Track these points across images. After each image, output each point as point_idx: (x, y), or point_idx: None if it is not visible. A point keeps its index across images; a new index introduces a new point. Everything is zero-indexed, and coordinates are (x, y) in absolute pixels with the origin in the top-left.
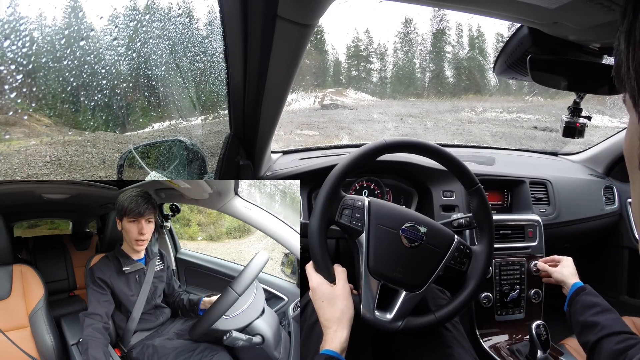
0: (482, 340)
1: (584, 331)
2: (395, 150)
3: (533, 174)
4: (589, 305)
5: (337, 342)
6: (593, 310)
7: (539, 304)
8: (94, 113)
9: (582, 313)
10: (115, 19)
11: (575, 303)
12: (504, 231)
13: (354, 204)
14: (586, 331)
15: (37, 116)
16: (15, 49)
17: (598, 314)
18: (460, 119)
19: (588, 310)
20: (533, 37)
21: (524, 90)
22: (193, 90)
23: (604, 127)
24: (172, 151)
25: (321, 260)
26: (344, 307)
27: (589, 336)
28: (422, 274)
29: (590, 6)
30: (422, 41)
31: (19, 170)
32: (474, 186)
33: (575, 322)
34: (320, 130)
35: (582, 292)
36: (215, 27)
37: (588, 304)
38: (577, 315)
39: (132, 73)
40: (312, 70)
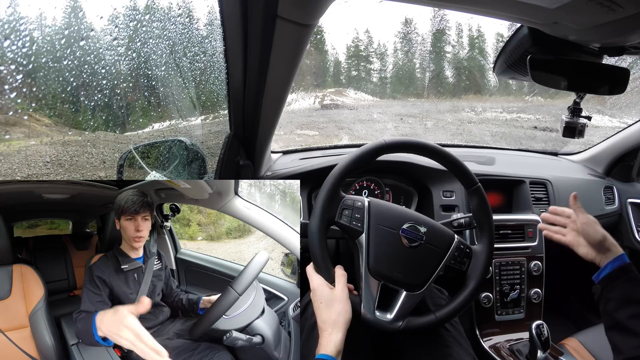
0: (482, 340)
1: (615, 331)
2: (394, 150)
3: (533, 174)
4: (630, 299)
5: (332, 346)
6: (634, 310)
7: (539, 304)
8: (94, 113)
9: (619, 308)
10: (115, 19)
11: (612, 289)
12: (504, 231)
13: (353, 204)
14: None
15: (37, 116)
16: (15, 49)
17: (639, 319)
18: (460, 119)
19: (628, 307)
20: (533, 37)
21: (524, 90)
22: (193, 90)
23: (604, 127)
24: (172, 151)
25: (321, 261)
26: (340, 309)
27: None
28: (423, 274)
29: (590, 6)
30: (422, 41)
31: (19, 170)
32: (473, 186)
33: (607, 313)
34: (320, 130)
35: (624, 276)
36: (215, 27)
37: (629, 298)
38: (611, 306)
39: (132, 73)
40: (312, 70)
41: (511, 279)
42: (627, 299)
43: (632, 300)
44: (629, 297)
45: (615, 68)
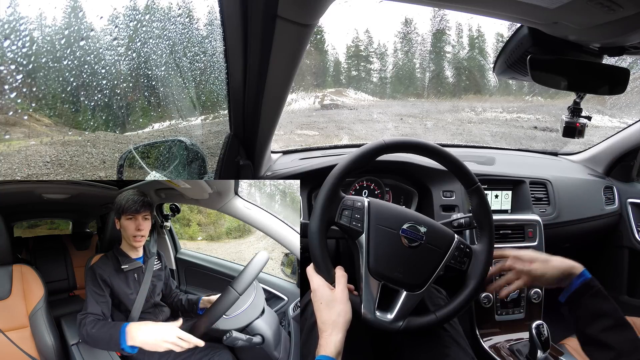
0: (482, 340)
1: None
2: (394, 150)
3: (533, 174)
4: (598, 314)
5: (332, 347)
6: (604, 324)
7: (539, 304)
8: (94, 113)
9: (590, 323)
10: (115, 19)
11: (580, 306)
12: (504, 231)
13: (353, 204)
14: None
15: (37, 116)
16: (15, 49)
17: (611, 331)
18: (460, 119)
19: (598, 322)
20: (533, 37)
21: (524, 90)
22: (193, 90)
23: (604, 127)
24: (172, 151)
25: (321, 261)
26: (340, 310)
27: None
28: (423, 273)
29: (590, 6)
30: (422, 41)
31: (19, 170)
32: (473, 185)
33: (579, 330)
34: (320, 130)
35: (589, 291)
36: (215, 27)
37: (597, 312)
38: (582, 323)
39: (132, 73)
40: (312, 70)
41: None
42: (595, 314)
43: (600, 314)
44: (597, 312)
45: (615, 68)
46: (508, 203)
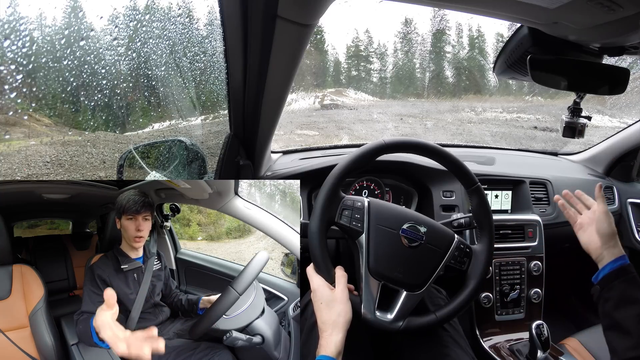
0: (482, 340)
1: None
2: (394, 150)
3: (533, 174)
4: (628, 300)
5: (332, 347)
6: (632, 311)
7: (539, 304)
8: (94, 113)
9: (618, 308)
10: (115, 19)
11: (611, 289)
12: (504, 231)
13: (353, 204)
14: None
15: (37, 116)
16: (15, 49)
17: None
18: (460, 119)
19: (625, 307)
20: (533, 37)
21: (524, 90)
22: (193, 90)
23: (604, 127)
24: (172, 151)
25: (321, 261)
26: (340, 310)
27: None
28: (423, 273)
29: (590, 6)
30: (422, 41)
31: (19, 170)
32: (473, 185)
33: (605, 313)
34: (320, 130)
35: (622, 276)
36: (215, 27)
37: (627, 298)
38: (609, 306)
39: (132, 73)
40: (312, 70)
41: (511, 279)
42: (625, 299)
43: (630, 300)
44: (627, 297)
45: (615, 68)
46: (508, 203)
